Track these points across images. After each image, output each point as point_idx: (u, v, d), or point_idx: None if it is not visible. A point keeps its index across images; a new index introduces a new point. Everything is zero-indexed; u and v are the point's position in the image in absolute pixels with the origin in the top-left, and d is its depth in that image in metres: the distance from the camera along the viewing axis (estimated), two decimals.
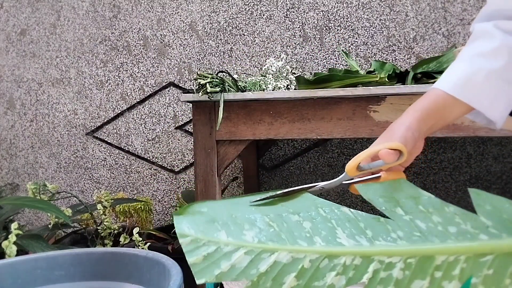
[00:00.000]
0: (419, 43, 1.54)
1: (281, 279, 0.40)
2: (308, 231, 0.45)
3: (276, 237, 0.44)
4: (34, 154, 1.91)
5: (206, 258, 0.44)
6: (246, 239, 0.45)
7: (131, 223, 1.59)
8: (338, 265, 0.41)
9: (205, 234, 0.46)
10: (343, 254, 0.41)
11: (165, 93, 1.77)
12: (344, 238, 0.43)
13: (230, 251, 0.44)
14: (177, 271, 0.78)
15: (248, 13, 1.67)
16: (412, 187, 0.48)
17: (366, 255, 0.41)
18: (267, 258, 0.42)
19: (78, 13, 1.84)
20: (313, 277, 0.40)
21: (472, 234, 0.40)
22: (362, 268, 0.40)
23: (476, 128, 0.95)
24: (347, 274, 0.40)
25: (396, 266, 0.40)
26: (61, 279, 0.90)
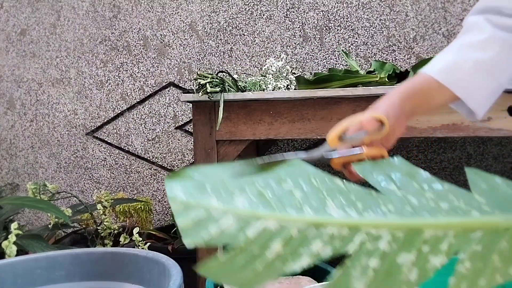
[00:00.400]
0: (419, 43, 1.54)
1: (268, 246, 0.41)
2: (298, 200, 0.45)
3: (266, 204, 0.45)
4: (34, 154, 1.91)
5: (196, 223, 0.44)
6: (236, 205, 0.45)
7: (131, 223, 1.59)
8: (325, 235, 0.41)
9: (195, 199, 0.46)
10: (331, 224, 0.42)
11: (165, 93, 1.77)
12: (333, 209, 0.44)
13: (219, 216, 0.44)
14: (177, 271, 0.78)
15: (248, 13, 1.67)
16: (408, 165, 0.48)
17: (354, 226, 0.41)
18: (255, 225, 0.43)
19: (78, 13, 1.84)
20: (300, 245, 0.40)
21: (463, 210, 0.41)
22: (349, 239, 0.40)
23: (476, 128, 0.95)
24: (333, 244, 0.40)
25: (383, 238, 0.40)
26: (61, 279, 0.90)
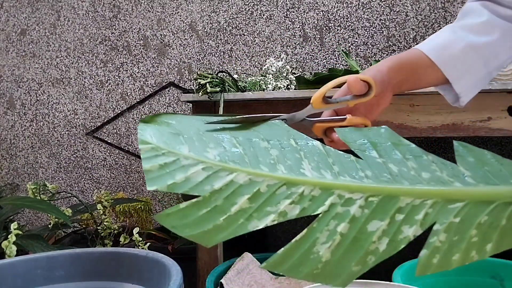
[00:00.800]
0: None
1: (234, 199, 0.39)
2: (274, 158, 0.44)
3: (239, 159, 0.44)
4: (34, 154, 1.91)
5: (162, 167, 0.42)
6: (207, 156, 0.44)
7: (131, 223, 1.59)
8: (295, 194, 0.39)
9: (167, 145, 0.45)
10: (302, 184, 0.40)
11: (165, 93, 1.77)
12: (308, 169, 0.42)
13: (188, 164, 0.43)
14: (177, 271, 0.78)
15: (248, 13, 1.67)
16: (394, 134, 0.45)
17: (326, 187, 0.40)
18: (225, 177, 0.41)
19: (78, 13, 1.84)
20: (267, 202, 0.39)
21: (445, 181, 0.39)
22: (319, 200, 0.38)
23: (476, 128, 0.95)
24: (302, 204, 0.38)
25: (355, 203, 0.38)
26: (61, 279, 0.90)
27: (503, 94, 0.93)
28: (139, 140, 0.46)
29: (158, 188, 0.40)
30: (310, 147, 0.45)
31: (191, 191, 0.40)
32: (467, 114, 0.95)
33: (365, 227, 0.36)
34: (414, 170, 0.40)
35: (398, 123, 0.98)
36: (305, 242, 0.36)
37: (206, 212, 0.38)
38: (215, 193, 0.40)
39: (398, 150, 0.43)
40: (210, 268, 1.10)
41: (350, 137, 0.46)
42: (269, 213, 0.38)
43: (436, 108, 0.97)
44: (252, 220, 0.38)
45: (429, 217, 0.35)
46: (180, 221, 0.37)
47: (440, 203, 0.36)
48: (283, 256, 0.35)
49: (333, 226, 0.36)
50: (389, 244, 0.35)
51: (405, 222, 0.36)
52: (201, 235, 0.36)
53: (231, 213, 0.38)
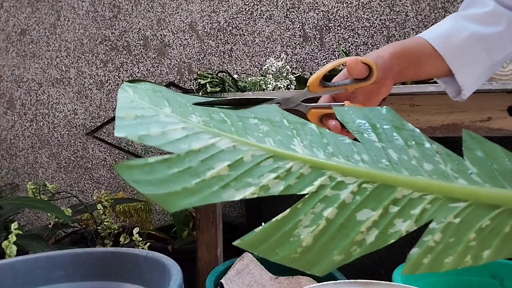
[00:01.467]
0: None
1: (211, 163, 0.35)
2: (263, 132, 0.40)
3: (225, 128, 0.40)
4: (34, 154, 1.91)
5: (138, 117, 0.39)
6: (191, 119, 0.40)
7: (131, 223, 1.59)
8: (281, 169, 0.35)
9: (148, 102, 0.42)
10: (291, 159, 0.36)
11: None
12: (299, 146, 0.38)
13: (167, 121, 0.39)
14: (177, 271, 0.78)
15: (248, 13, 1.67)
16: (397, 116, 0.41)
17: (318, 166, 0.35)
18: (206, 139, 0.37)
19: (78, 13, 1.84)
20: (249, 172, 0.35)
21: (449, 176, 0.34)
22: (308, 179, 0.35)
23: (476, 128, 0.95)
24: (288, 181, 0.34)
25: (347, 187, 0.34)
26: (61, 279, 0.90)
27: (503, 94, 0.93)
28: (118, 93, 0.42)
29: (128, 136, 0.36)
30: (303, 127, 0.41)
31: (164, 147, 0.36)
32: (467, 114, 0.96)
33: (354, 215, 0.33)
34: (415, 160, 0.36)
35: None
36: (287, 223, 0.32)
37: (177, 172, 0.34)
38: (191, 153, 0.35)
39: (400, 135, 0.39)
40: (210, 268, 1.10)
41: (348, 116, 0.42)
42: (250, 185, 0.34)
43: (436, 108, 0.97)
44: (228, 189, 0.34)
45: (427, 213, 0.32)
46: (144, 176, 0.33)
47: (440, 200, 0.33)
48: (261, 235, 0.32)
49: (320, 210, 0.33)
50: (378, 236, 0.32)
51: (399, 215, 0.32)
52: (166, 196, 0.32)
53: (206, 178, 0.34)
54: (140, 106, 0.41)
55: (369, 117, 0.41)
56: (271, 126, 0.42)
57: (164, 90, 0.47)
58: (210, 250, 1.13)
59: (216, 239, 1.12)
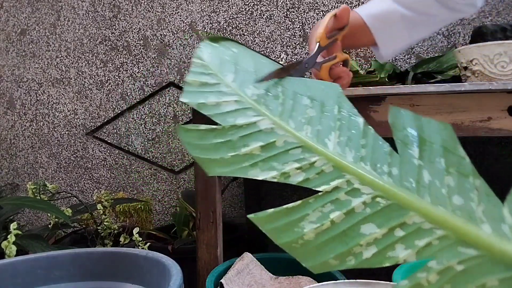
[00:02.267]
0: (419, 43, 1.54)
1: (248, 141, 0.38)
2: (307, 118, 0.41)
3: (273, 106, 0.42)
4: (34, 154, 1.91)
5: (202, 85, 0.43)
6: (246, 92, 0.43)
7: (131, 223, 1.59)
8: (306, 161, 0.36)
9: (217, 68, 0.46)
10: (318, 153, 0.37)
11: (165, 93, 1.77)
12: (333, 142, 0.38)
13: (225, 92, 0.43)
14: (177, 271, 0.78)
15: (248, 13, 1.67)
16: (453, 138, 0.37)
17: (340, 167, 0.35)
18: (250, 116, 0.40)
19: (78, 13, 1.84)
20: (276, 157, 0.37)
21: (474, 218, 0.31)
22: (327, 177, 0.35)
23: (476, 128, 0.95)
24: (308, 174, 0.35)
25: (361, 196, 0.33)
26: (61, 279, 0.90)
27: (503, 94, 0.93)
28: (195, 54, 0.47)
29: (189, 103, 0.41)
30: (350, 120, 0.41)
31: (215, 117, 0.40)
32: (467, 114, 0.95)
33: (359, 226, 0.32)
34: (447, 189, 0.33)
35: None
36: (295, 213, 0.34)
37: (219, 142, 0.38)
38: (234, 128, 0.39)
39: (446, 158, 0.35)
40: (210, 268, 1.10)
41: (401, 121, 0.39)
42: (273, 169, 0.36)
43: (436, 108, 0.97)
44: (255, 168, 0.36)
45: (431, 249, 0.30)
46: (195, 140, 0.37)
47: (450, 240, 0.30)
48: (271, 217, 0.34)
49: (328, 210, 0.33)
50: (375, 255, 0.31)
51: (402, 241, 0.31)
52: (206, 161, 0.36)
53: (240, 153, 0.37)
54: (208, 72, 0.45)
55: (423, 129, 0.38)
56: (319, 112, 0.42)
57: (240, 49, 0.50)
58: (210, 250, 1.13)
59: (216, 239, 1.12)
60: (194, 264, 1.15)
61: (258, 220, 0.34)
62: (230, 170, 0.36)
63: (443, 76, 1.13)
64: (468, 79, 0.97)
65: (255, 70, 0.47)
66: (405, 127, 0.38)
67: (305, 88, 0.46)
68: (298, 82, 0.46)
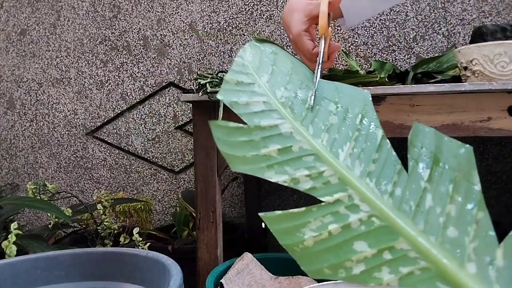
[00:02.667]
0: (419, 43, 1.54)
1: (268, 143, 0.40)
2: (327, 125, 0.43)
3: (298, 110, 0.44)
4: (34, 154, 1.91)
5: (238, 84, 0.45)
6: (276, 93, 0.45)
7: (131, 223, 1.59)
8: (315, 169, 0.38)
9: (255, 68, 0.48)
10: (327, 164, 0.38)
11: (165, 93, 1.77)
12: (345, 153, 0.39)
13: (257, 92, 0.45)
14: (177, 271, 0.78)
15: (248, 13, 1.67)
16: (470, 162, 0.36)
17: (344, 181, 0.37)
18: (274, 118, 0.42)
19: (78, 13, 1.84)
20: (290, 162, 0.39)
21: (463, 255, 0.30)
22: (331, 189, 0.36)
23: (476, 128, 0.95)
24: (316, 183, 0.37)
25: (358, 213, 0.34)
26: (61, 279, 0.90)
27: (503, 94, 0.93)
28: (239, 53, 0.50)
29: (223, 100, 0.43)
30: (369, 132, 0.41)
31: (243, 116, 0.42)
32: (467, 114, 0.95)
33: (352, 242, 0.33)
34: (445, 218, 0.33)
35: (398, 123, 0.98)
36: (298, 218, 0.35)
37: (243, 141, 0.39)
38: (258, 128, 0.41)
39: (455, 184, 0.35)
40: (210, 268, 1.10)
41: (420, 139, 0.38)
42: (285, 173, 0.38)
43: (436, 108, 0.97)
44: (270, 169, 0.38)
45: (412, 278, 0.30)
46: (224, 136, 0.39)
47: (431, 273, 0.30)
48: (278, 218, 0.35)
49: (327, 221, 0.35)
50: (362, 273, 0.31)
51: (388, 264, 0.31)
52: (232, 157, 0.37)
53: (259, 154, 0.39)
54: (246, 71, 0.47)
55: (441, 149, 0.37)
56: (341, 120, 0.44)
57: (281, 53, 0.53)
58: (210, 250, 1.13)
59: (216, 239, 1.12)
60: (194, 264, 1.15)
61: (267, 219, 0.35)
62: (250, 168, 0.38)
63: (443, 76, 1.13)
64: (468, 79, 0.97)
65: (291, 73, 0.49)
66: (422, 145, 0.37)
67: (334, 92, 0.47)
68: (329, 86, 0.48)
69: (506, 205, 1.52)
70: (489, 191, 1.53)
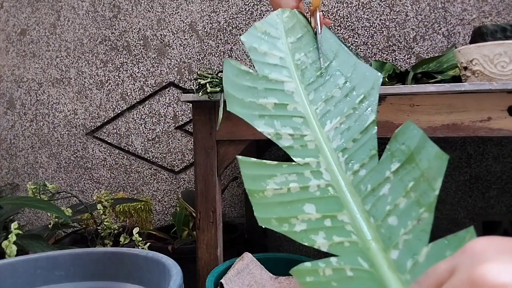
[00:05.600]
0: (419, 43, 1.54)
1: (267, 94, 0.42)
2: (327, 96, 0.44)
3: (308, 75, 0.46)
4: (34, 154, 1.91)
5: (264, 33, 0.47)
6: (294, 55, 0.47)
7: (131, 223, 1.59)
8: (299, 131, 0.41)
9: (285, 28, 0.50)
10: (311, 130, 0.41)
11: (165, 93, 1.77)
12: (332, 125, 0.42)
13: (277, 46, 0.46)
14: (177, 271, 0.78)
15: (248, 13, 1.67)
16: (440, 171, 0.37)
17: (319, 148, 0.40)
18: (282, 75, 0.44)
19: (78, 13, 1.84)
20: (281, 117, 0.41)
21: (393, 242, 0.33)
22: (305, 152, 0.39)
23: (476, 128, 0.95)
24: (294, 143, 0.40)
25: (319, 179, 0.38)
26: (61, 279, 0.90)
27: (503, 94, 0.93)
28: (277, 11, 0.53)
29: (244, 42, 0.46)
30: (363, 113, 0.43)
31: (255, 63, 0.44)
32: (467, 114, 0.95)
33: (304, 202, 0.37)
34: (392, 207, 0.35)
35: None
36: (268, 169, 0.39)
37: (247, 85, 0.41)
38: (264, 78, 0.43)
39: (416, 183, 0.37)
40: (210, 268, 1.10)
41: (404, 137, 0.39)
42: (272, 126, 0.41)
43: (436, 108, 0.97)
44: (261, 119, 0.40)
45: (340, 248, 0.34)
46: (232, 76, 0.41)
47: (356, 248, 0.34)
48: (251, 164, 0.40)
49: (290, 179, 0.38)
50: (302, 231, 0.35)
51: (326, 230, 0.35)
52: (231, 97, 0.40)
53: (257, 102, 0.41)
54: (276, 27, 0.48)
55: (420, 150, 0.38)
56: (343, 95, 0.45)
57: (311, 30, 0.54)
58: (210, 250, 1.13)
59: (216, 239, 1.12)
60: (194, 264, 1.15)
61: (242, 162, 0.39)
62: (243, 113, 0.39)
63: (443, 76, 1.13)
64: (468, 79, 0.97)
65: (315, 46, 0.51)
66: (404, 143, 0.39)
67: (350, 68, 0.47)
68: (349, 61, 0.48)
69: (506, 205, 1.52)
70: (489, 191, 1.53)
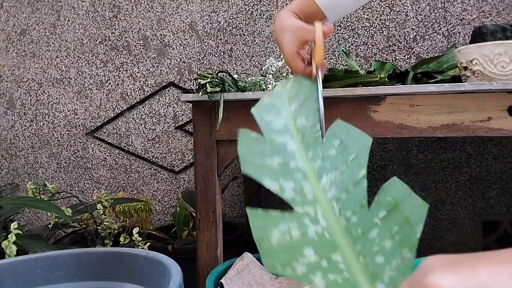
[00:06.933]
0: (419, 43, 1.54)
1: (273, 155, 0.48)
2: (324, 154, 0.50)
3: (308, 138, 0.51)
4: (34, 154, 1.91)
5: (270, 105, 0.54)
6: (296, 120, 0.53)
7: (131, 223, 1.59)
8: (300, 184, 0.45)
9: (289, 97, 0.57)
10: (310, 183, 0.45)
11: (165, 93, 1.77)
12: (328, 179, 0.47)
13: (281, 114, 0.53)
14: (177, 271, 0.78)
15: (248, 13, 1.67)
16: (420, 219, 0.43)
17: (316, 199, 0.44)
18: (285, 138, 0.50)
19: (78, 13, 1.84)
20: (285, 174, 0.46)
21: (378, 278, 0.39)
22: (304, 202, 0.44)
23: (476, 128, 0.95)
24: (295, 195, 0.44)
25: (317, 226, 0.42)
26: (61, 279, 0.90)
27: (503, 94, 0.93)
28: (283, 82, 0.59)
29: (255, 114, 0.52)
30: (353, 169, 0.48)
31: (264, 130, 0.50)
32: (467, 114, 0.95)
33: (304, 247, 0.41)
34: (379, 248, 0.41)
35: (398, 123, 0.98)
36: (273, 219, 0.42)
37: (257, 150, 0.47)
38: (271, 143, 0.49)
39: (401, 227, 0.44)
40: (210, 268, 1.10)
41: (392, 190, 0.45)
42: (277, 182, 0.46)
43: (436, 108, 0.97)
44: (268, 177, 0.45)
45: (335, 284, 0.38)
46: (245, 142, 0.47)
47: (348, 284, 0.38)
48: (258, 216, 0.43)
49: (292, 227, 0.42)
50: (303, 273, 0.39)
51: (322, 270, 0.39)
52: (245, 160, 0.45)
53: (265, 163, 0.46)
54: (281, 98, 0.55)
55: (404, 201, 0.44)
56: (338, 153, 0.51)
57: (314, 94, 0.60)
58: (210, 250, 1.13)
59: (216, 239, 1.12)
60: (194, 264, 1.15)
61: (250, 214, 0.42)
62: (253, 173, 0.44)
63: (443, 76, 1.13)
64: (468, 79, 0.97)
65: (316, 110, 0.57)
66: (390, 196, 0.45)
67: (344, 132, 0.54)
68: (343, 126, 0.54)
69: (506, 205, 1.52)
70: (489, 191, 1.53)
